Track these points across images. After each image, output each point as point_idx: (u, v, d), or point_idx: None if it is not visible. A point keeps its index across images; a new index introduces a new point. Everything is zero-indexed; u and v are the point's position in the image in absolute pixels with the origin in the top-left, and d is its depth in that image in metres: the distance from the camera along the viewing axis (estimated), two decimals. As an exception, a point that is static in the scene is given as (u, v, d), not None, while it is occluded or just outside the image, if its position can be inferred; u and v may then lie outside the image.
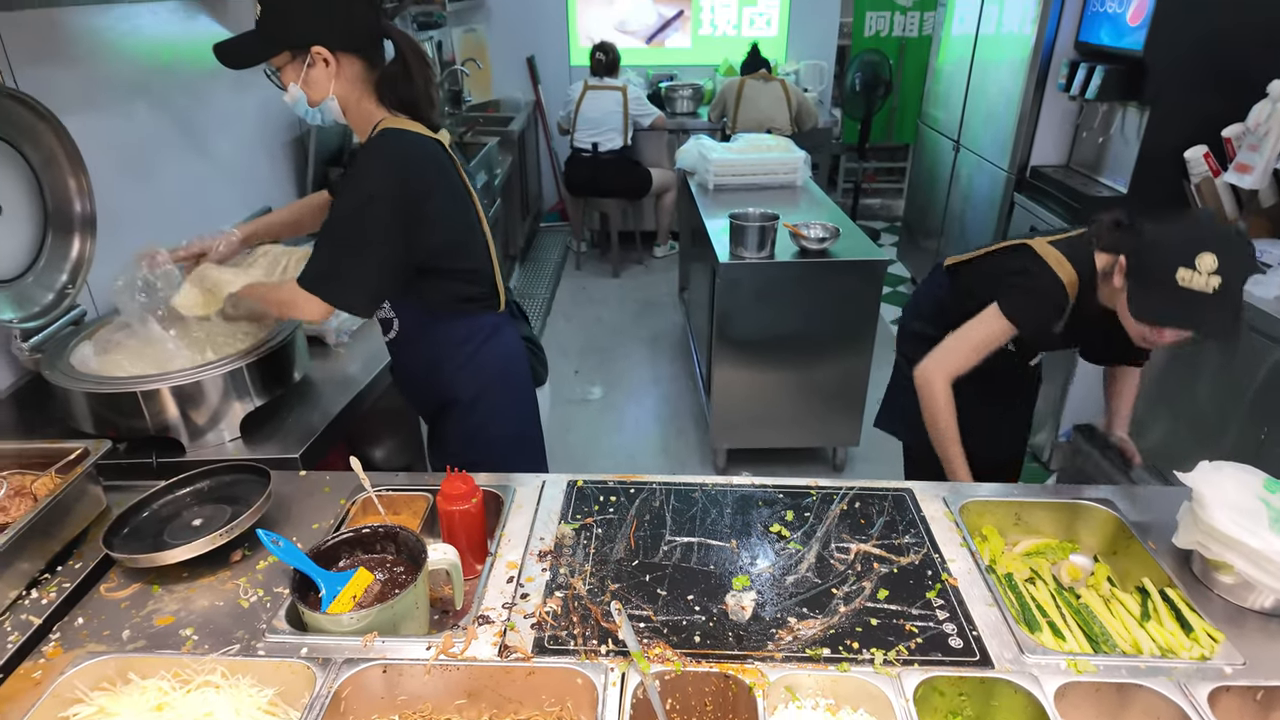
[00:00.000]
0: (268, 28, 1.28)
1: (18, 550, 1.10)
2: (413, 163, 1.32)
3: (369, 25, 1.32)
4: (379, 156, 1.31)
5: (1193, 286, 1.23)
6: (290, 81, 1.32)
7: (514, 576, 1.14)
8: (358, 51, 1.31)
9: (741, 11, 5.49)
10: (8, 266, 1.49)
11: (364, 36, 1.31)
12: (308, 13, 1.27)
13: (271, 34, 1.29)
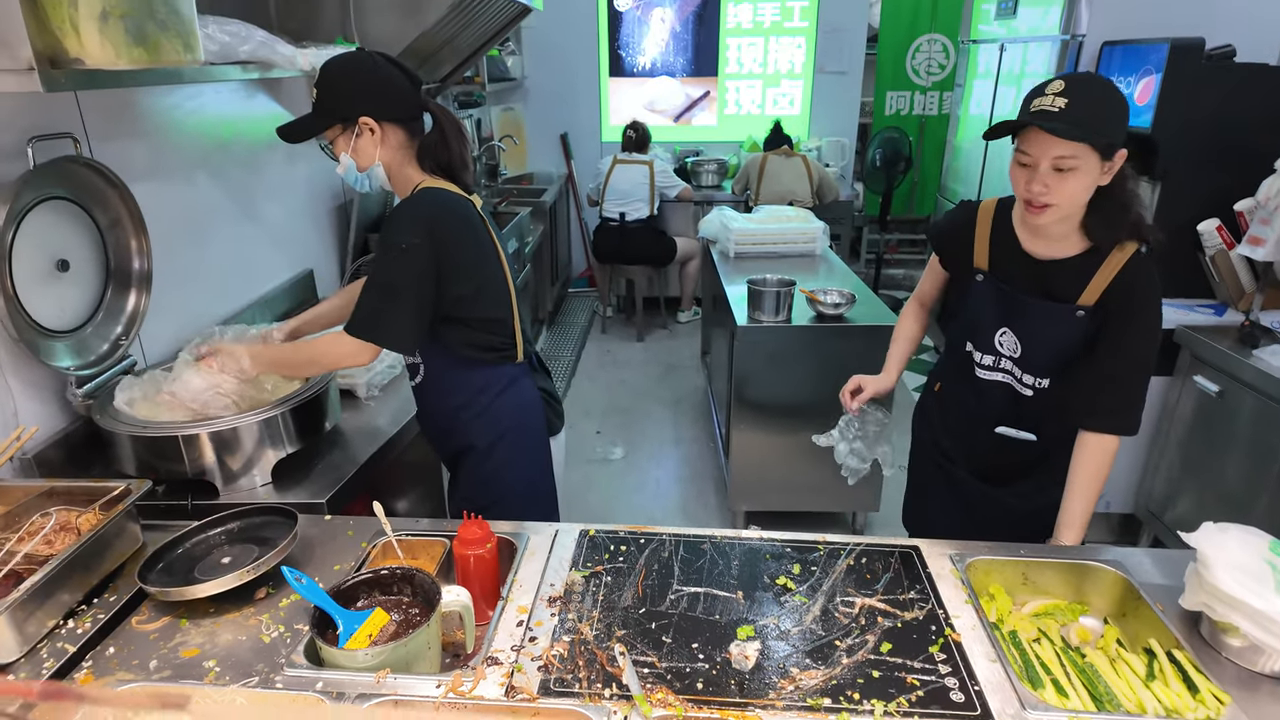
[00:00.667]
0: (323, 105, 1.45)
1: (59, 581, 1.16)
2: (444, 217, 1.44)
3: (410, 99, 1.47)
4: (414, 210, 1.44)
5: (1042, 107, 1.28)
6: (341, 151, 1.47)
7: (524, 620, 1.17)
8: (400, 122, 1.46)
9: (765, 92, 5.73)
10: (71, 318, 1.61)
11: (405, 108, 1.46)
12: (356, 89, 1.43)
13: (326, 109, 1.45)
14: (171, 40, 1.38)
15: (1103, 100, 1.30)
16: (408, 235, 1.39)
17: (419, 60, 3.37)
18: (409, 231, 1.40)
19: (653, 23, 5.59)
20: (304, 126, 1.48)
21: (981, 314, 1.55)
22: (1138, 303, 1.38)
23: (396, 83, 1.45)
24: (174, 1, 1.37)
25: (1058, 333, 1.45)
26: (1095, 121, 1.28)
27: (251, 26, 1.84)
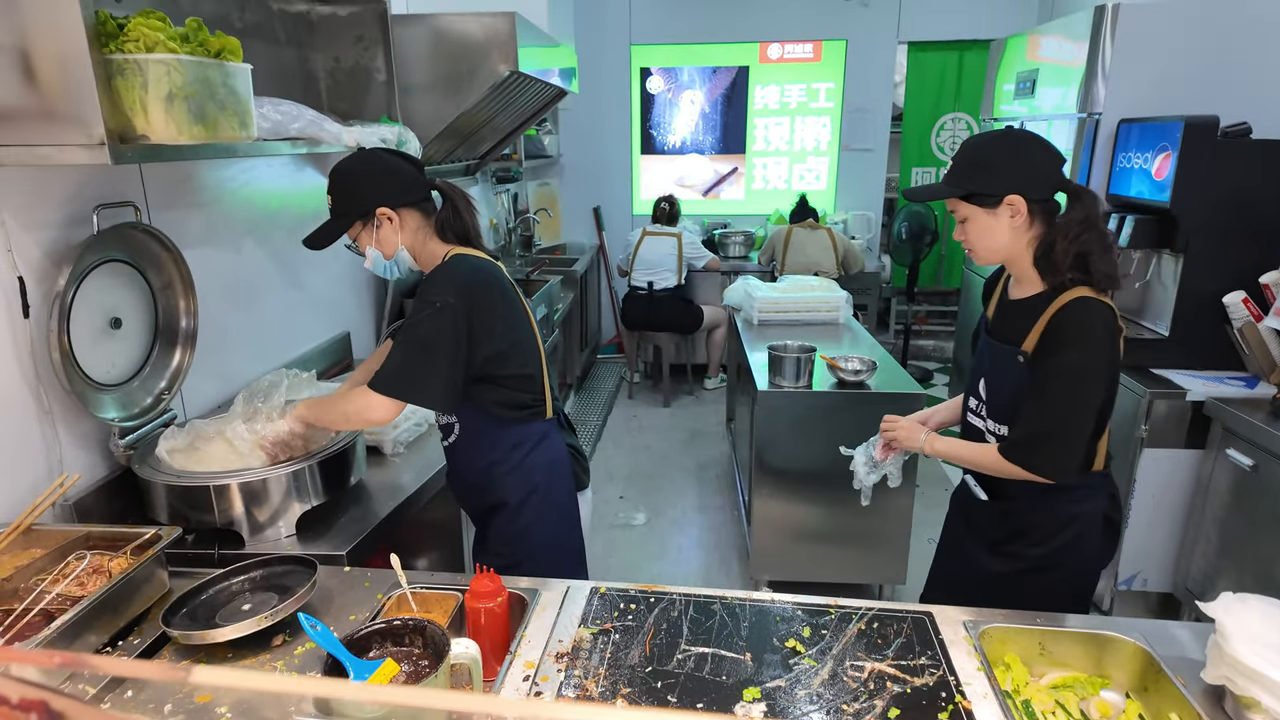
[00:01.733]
0: (339, 207, 1.55)
1: (87, 623, 1.21)
2: (476, 280, 1.52)
3: (417, 181, 1.57)
4: (447, 274, 1.52)
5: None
6: (366, 245, 1.57)
7: (530, 675, 1.18)
8: (413, 204, 1.56)
9: (792, 168, 5.89)
10: (120, 373, 1.70)
11: (415, 191, 1.56)
12: (368, 185, 1.53)
13: (344, 211, 1.54)
14: (229, 118, 1.50)
15: (972, 157, 1.44)
16: (442, 295, 1.47)
17: (460, 138, 3.57)
18: (443, 292, 1.47)
19: (683, 104, 5.84)
20: (327, 232, 1.57)
21: (973, 359, 1.63)
22: (1059, 341, 1.40)
23: (402, 170, 1.56)
24: (233, 84, 1.51)
25: (1008, 376, 1.50)
26: (956, 178, 1.44)
27: (302, 106, 1.99)
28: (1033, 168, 1.41)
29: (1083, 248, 1.39)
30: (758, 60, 5.68)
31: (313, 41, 2.59)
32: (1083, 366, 1.40)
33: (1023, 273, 1.48)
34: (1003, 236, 1.43)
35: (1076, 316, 1.40)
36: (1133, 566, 2.67)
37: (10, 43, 1.29)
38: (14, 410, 1.46)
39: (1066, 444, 1.43)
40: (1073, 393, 1.40)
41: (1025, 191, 1.39)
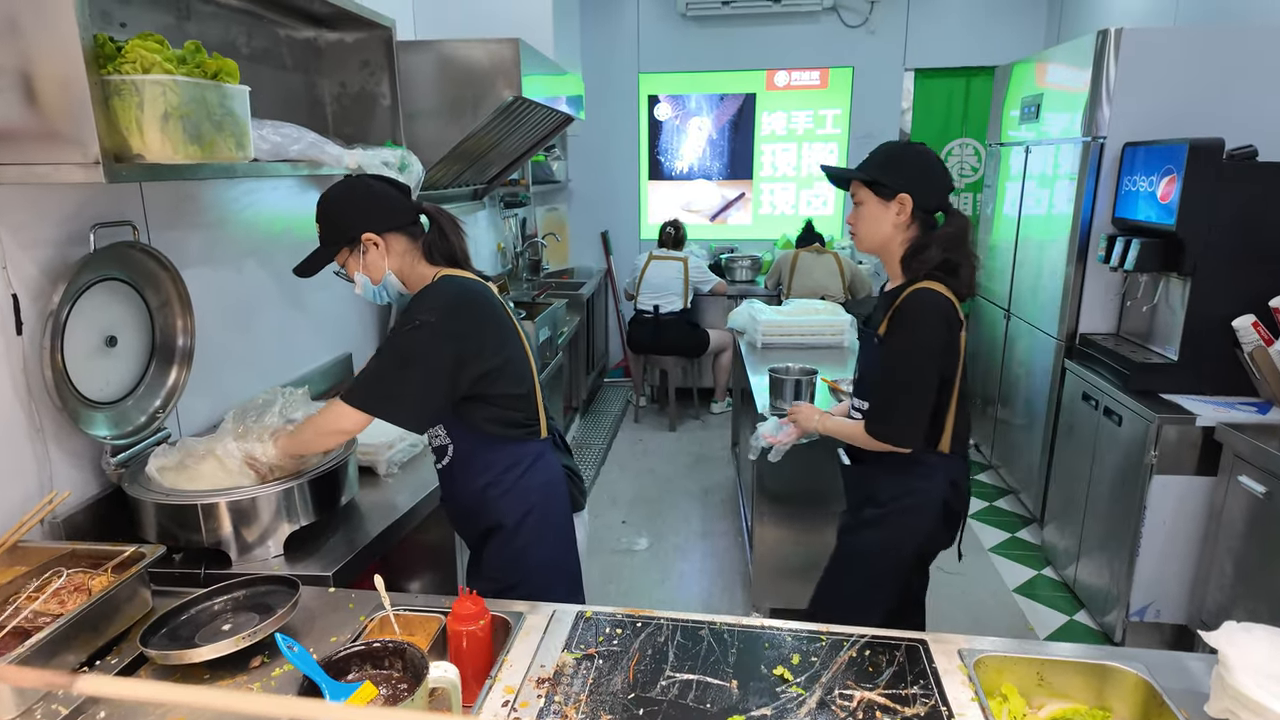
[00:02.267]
0: (327, 235, 1.56)
1: (64, 641, 1.20)
2: (462, 299, 1.52)
3: (402, 206, 1.58)
4: (433, 294, 1.52)
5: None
6: (354, 271, 1.57)
7: (509, 701, 1.15)
8: (399, 229, 1.56)
9: (799, 194, 5.91)
10: (114, 391, 1.71)
11: (400, 216, 1.57)
12: (353, 212, 1.54)
13: (331, 239, 1.56)
14: (226, 139, 1.52)
15: (886, 157, 1.71)
16: (424, 314, 1.46)
17: (468, 162, 3.61)
18: (427, 311, 1.47)
19: (691, 131, 5.88)
20: (315, 259, 1.59)
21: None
22: (898, 323, 1.65)
23: (387, 195, 1.57)
24: (230, 105, 1.53)
25: (868, 357, 1.80)
26: (867, 166, 1.70)
27: (304, 129, 2.01)
28: (929, 180, 1.68)
29: (956, 258, 1.64)
30: (764, 87, 5.73)
31: (320, 67, 2.63)
32: (914, 346, 1.63)
33: (891, 266, 1.74)
34: (885, 227, 1.69)
35: (915, 303, 1.63)
36: (1145, 597, 2.60)
37: (12, 65, 1.31)
38: (4, 427, 1.46)
39: (905, 414, 1.65)
40: (907, 368, 1.64)
41: (915, 196, 1.65)
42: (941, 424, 1.69)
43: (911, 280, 1.66)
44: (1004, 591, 3.08)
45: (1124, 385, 2.66)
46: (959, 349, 1.67)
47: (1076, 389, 3.00)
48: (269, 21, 2.33)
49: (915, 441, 1.66)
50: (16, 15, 1.29)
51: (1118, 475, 2.67)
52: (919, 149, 1.71)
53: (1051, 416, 3.25)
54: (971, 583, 3.15)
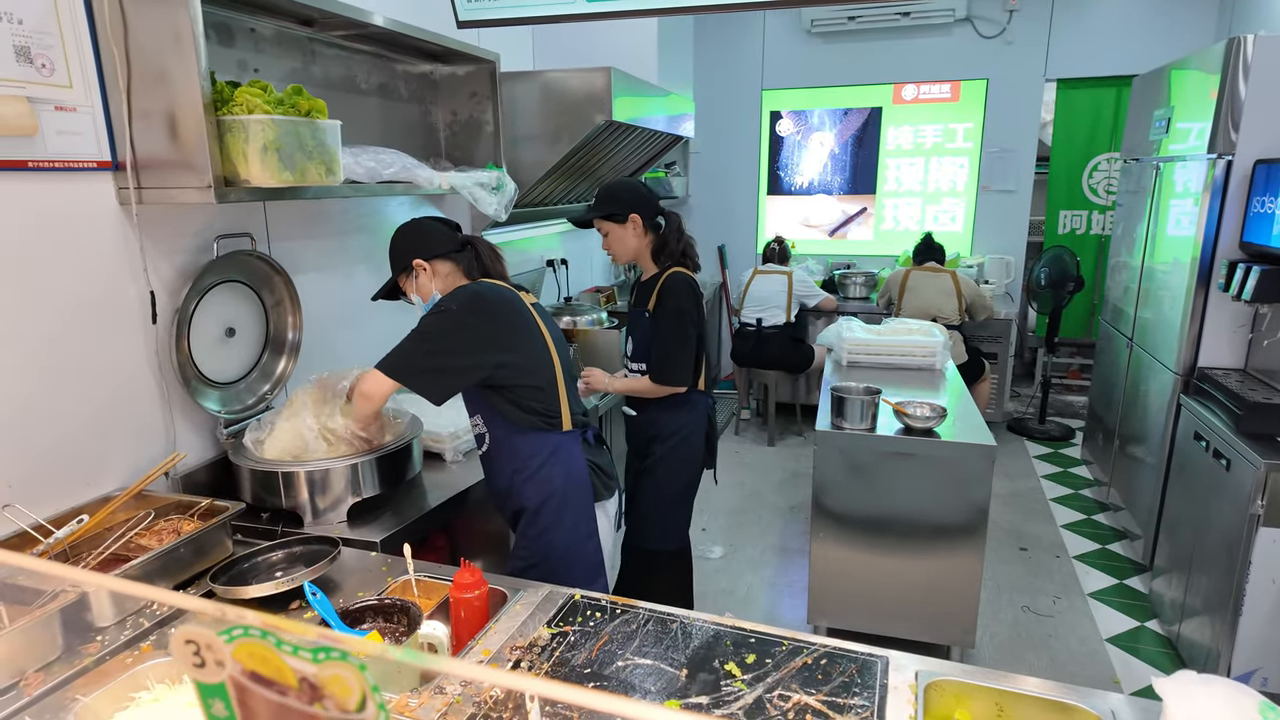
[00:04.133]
0: (393, 265, 1.89)
1: (159, 570, 1.49)
2: (482, 295, 1.75)
3: (447, 238, 1.86)
4: (459, 291, 1.77)
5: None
6: (410, 292, 1.88)
7: (482, 661, 1.31)
8: (444, 256, 1.84)
9: (925, 209, 5.71)
10: (232, 373, 2.06)
11: (444, 245, 1.85)
12: (407, 244, 1.86)
13: (394, 268, 1.89)
14: (316, 166, 1.81)
15: (609, 195, 2.35)
16: (447, 303, 1.73)
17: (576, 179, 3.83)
18: (449, 300, 1.73)
19: (812, 145, 5.86)
20: (387, 287, 1.95)
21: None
22: (664, 298, 2.29)
23: (435, 229, 1.87)
24: (321, 137, 1.82)
25: (640, 329, 2.37)
26: (600, 207, 2.34)
27: (400, 154, 2.30)
28: (644, 200, 2.33)
29: (684, 246, 2.38)
30: (891, 101, 5.60)
31: (434, 97, 2.95)
32: (679, 309, 2.27)
33: (646, 264, 2.39)
34: (632, 241, 2.33)
35: (673, 282, 2.30)
36: (1250, 661, 2.34)
37: (160, 108, 1.65)
38: (140, 397, 1.82)
39: (681, 362, 2.29)
40: (678, 328, 2.26)
41: (640, 212, 2.30)
42: (699, 370, 2.39)
43: (664, 269, 2.33)
44: (1095, 640, 2.86)
45: (1235, 426, 2.41)
46: (703, 313, 2.36)
47: (1190, 427, 2.75)
48: (388, 59, 2.67)
49: (688, 380, 2.32)
50: (166, 68, 1.63)
51: (1224, 525, 2.43)
52: (627, 181, 2.41)
53: (1166, 457, 2.98)
54: (1061, 627, 2.95)
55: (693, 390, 2.37)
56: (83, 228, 1.67)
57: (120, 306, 1.75)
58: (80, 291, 1.67)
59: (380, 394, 1.74)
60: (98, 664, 1.32)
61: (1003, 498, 4.12)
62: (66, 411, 1.66)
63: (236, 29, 2.01)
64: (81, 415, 1.69)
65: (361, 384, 1.76)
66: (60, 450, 1.65)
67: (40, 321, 1.60)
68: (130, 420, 1.80)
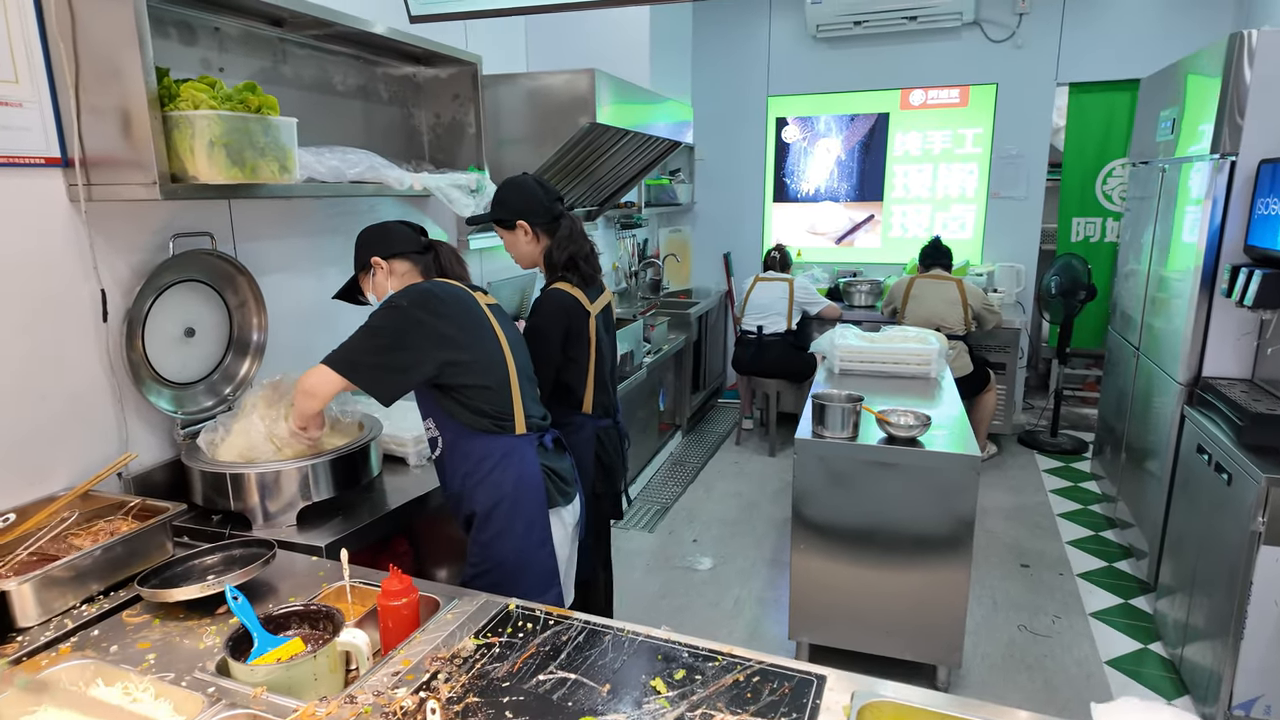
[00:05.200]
0: (356, 264, 1.88)
1: (87, 570, 1.46)
2: (432, 293, 1.71)
3: (409, 239, 1.84)
4: (410, 287, 1.74)
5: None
6: (368, 290, 1.87)
7: (400, 671, 1.25)
8: (402, 256, 1.83)
9: (934, 216, 5.60)
10: (191, 374, 2.04)
11: (404, 245, 1.83)
12: (367, 242, 1.85)
13: (356, 265, 1.88)
14: (268, 163, 1.78)
15: (498, 200, 2.20)
16: (397, 299, 1.68)
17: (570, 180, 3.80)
18: (399, 296, 1.69)
19: (818, 152, 5.78)
20: (348, 285, 1.95)
21: None
22: (532, 313, 2.22)
23: (397, 230, 1.86)
24: (275, 134, 1.79)
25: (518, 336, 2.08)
26: (491, 208, 2.23)
27: (370, 155, 2.28)
28: (532, 201, 2.15)
29: (571, 254, 2.17)
30: (898, 107, 5.51)
31: (418, 100, 2.94)
32: (532, 328, 2.16)
33: (544, 271, 2.24)
34: (524, 248, 2.20)
35: (543, 299, 2.18)
36: (1253, 688, 2.22)
37: (113, 104, 1.63)
38: (91, 397, 1.80)
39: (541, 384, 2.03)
40: (533, 349, 2.00)
41: (528, 218, 2.15)
42: (581, 392, 2.23)
43: (550, 280, 2.20)
44: (1093, 662, 2.74)
45: (1237, 438, 2.30)
46: (588, 335, 2.19)
47: (1193, 440, 2.62)
48: (366, 61, 2.65)
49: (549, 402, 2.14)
50: (114, 63, 1.61)
51: (1226, 543, 2.30)
52: (518, 181, 2.19)
53: (1170, 471, 2.85)
54: (1058, 647, 2.82)
55: (575, 413, 2.24)
56: (31, 224, 1.66)
57: (71, 305, 1.74)
58: (30, 288, 1.66)
59: (325, 391, 1.69)
60: (14, 664, 1.29)
61: (1007, 512, 3.99)
62: (11, 410, 1.64)
63: (199, 27, 2.00)
64: (29, 414, 1.67)
65: (305, 380, 1.70)
66: (3, 448, 1.63)
67: (-17, 318, 1.59)
68: (81, 420, 1.78)
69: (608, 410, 2.34)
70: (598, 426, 2.30)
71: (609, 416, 2.35)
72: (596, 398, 2.27)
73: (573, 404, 2.25)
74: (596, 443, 2.29)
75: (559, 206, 2.21)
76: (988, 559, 3.48)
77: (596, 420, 2.29)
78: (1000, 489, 4.31)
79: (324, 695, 1.20)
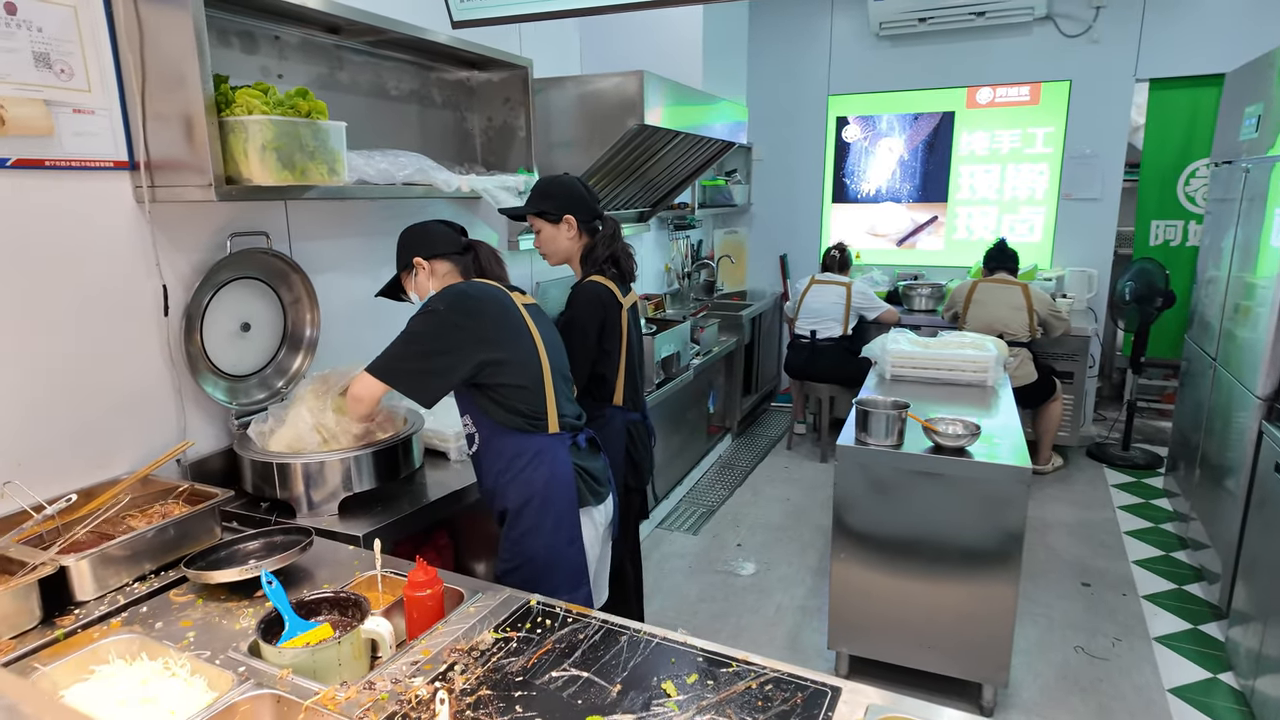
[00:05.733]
0: (397, 263, 1.93)
1: (141, 551, 1.55)
2: (470, 294, 1.75)
3: (449, 239, 1.88)
4: (447, 289, 1.77)
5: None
6: (410, 290, 1.91)
7: (419, 661, 1.29)
8: (444, 256, 1.86)
9: (1001, 219, 5.40)
10: (246, 367, 2.13)
11: (445, 245, 1.87)
12: (409, 243, 1.89)
13: (398, 265, 1.92)
14: (318, 166, 1.86)
15: (544, 188, 2.25)
16: (434, 302, 1.72)
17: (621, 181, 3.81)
18: (436, 300, 1.73)
19: (879, 152, 5.65)
20: (390, 284, 2.00)
21: None
22: (568, 305, 2.25)
23: (438, 231, 1.89)
24: (324, 138, 1.86)
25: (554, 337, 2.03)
26: (533, 201, 2.24)
27: (420, 157, 2.34)
28: (580, 200, 2.21)
29: (613, 253, 2.24)
30: (964, 105, 5.33)
31: (470, 104, 3.01)
32: (570, 320, 2.19)
33: (575, 268, 2.30)
34: (564, 243, 2.24)
35: (580, 291, 2.22)
36: (1330, 728, 2.06)
37: (177, 111, 1.73)
38: (152, 387, 1.91)
39: (577, 375, 2.11)
40: (570, 339, 2.08)
41: (575, 213, 2.20)
42: (612, 384, 2.27)
43: (585, 275, 2.24)
44: (1154, 689, 2.59)
45: (1317, 457, 2.14)
46: (620, 327, 2.23)
47: (1271, 458, 2.46)
48: (420, 66, 2.73)
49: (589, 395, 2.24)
50: (177, 72, 1.71)
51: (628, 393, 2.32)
52: (562, 179, 2.25)
53: (1246, 490, 2.68)
54: (1116, 672, 2.69)
55: (606, 405, 2.27)
56: (101, 224, 1.77)
57: (135, 299, 1.85)
58: (98, 283, 1.77)
59: (370, 396, 1.76)
60: (68, 636, 1.37)
61: (1070, 527, 3.82)
62: (79, 397, 1.76)
63: (260, 36, 2.10)
64: (94, 402, 1.79)
65: (352, 387, 1.78)
66: (71, 433, 1.75)
67: (59, 310, 1.70)
68: (142, 408, 1.89)
69: (636, 404, 2.37)
70: (627, 420, 2.32)
71: (638, 411, 2.38)
72: (626, 391, 2.30)
73: (604, 395, 2.28)
74: (626, 436, 2.31)
75: (599, 207, 2.26)
76: (1045, 576, 3.34)
77: (626, 413, 2.32)
78: (1064, 503, 4.12)
79: (346, 680, 1.24)
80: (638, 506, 2.44)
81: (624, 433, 2.32)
